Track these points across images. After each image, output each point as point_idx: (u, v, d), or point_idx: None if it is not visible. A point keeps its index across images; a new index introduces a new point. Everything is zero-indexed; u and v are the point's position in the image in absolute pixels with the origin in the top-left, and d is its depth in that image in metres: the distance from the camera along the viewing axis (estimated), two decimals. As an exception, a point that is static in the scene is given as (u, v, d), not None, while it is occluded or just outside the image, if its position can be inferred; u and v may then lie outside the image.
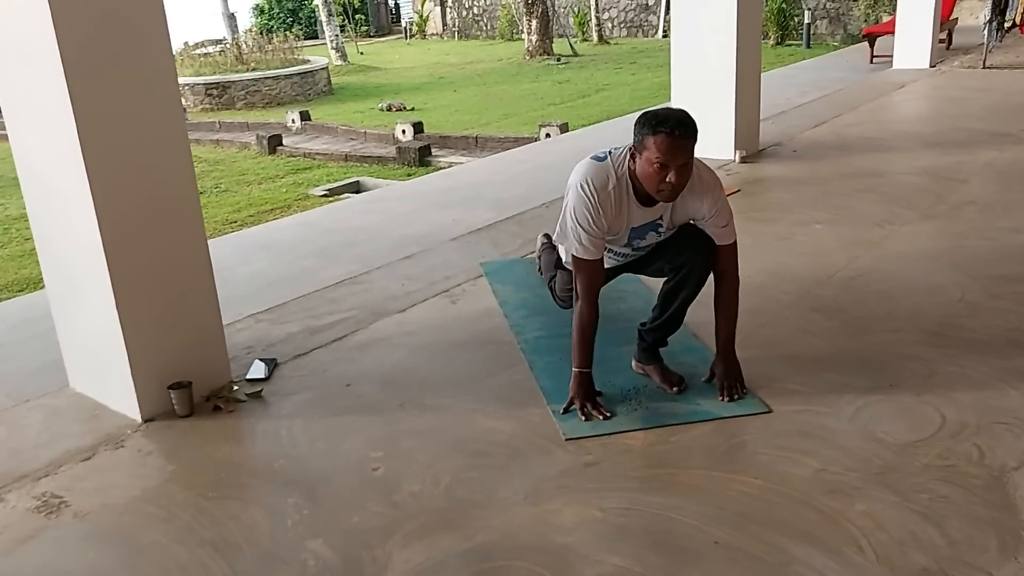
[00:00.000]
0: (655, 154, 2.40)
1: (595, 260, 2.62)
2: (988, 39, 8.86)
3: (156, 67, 2.59)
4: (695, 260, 2.65)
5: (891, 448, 2.35)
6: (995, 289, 3.36)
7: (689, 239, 2.67)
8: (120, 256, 2.58)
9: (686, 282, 2.67)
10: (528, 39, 17.99)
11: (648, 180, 2.47)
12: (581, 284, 2.63)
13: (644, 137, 2.45)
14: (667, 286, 2.73)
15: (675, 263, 2.69)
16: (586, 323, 2.62)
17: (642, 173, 2.48)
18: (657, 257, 2.77)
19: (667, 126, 2.41)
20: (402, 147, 9.22)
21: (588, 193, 2.57)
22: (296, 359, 3.15)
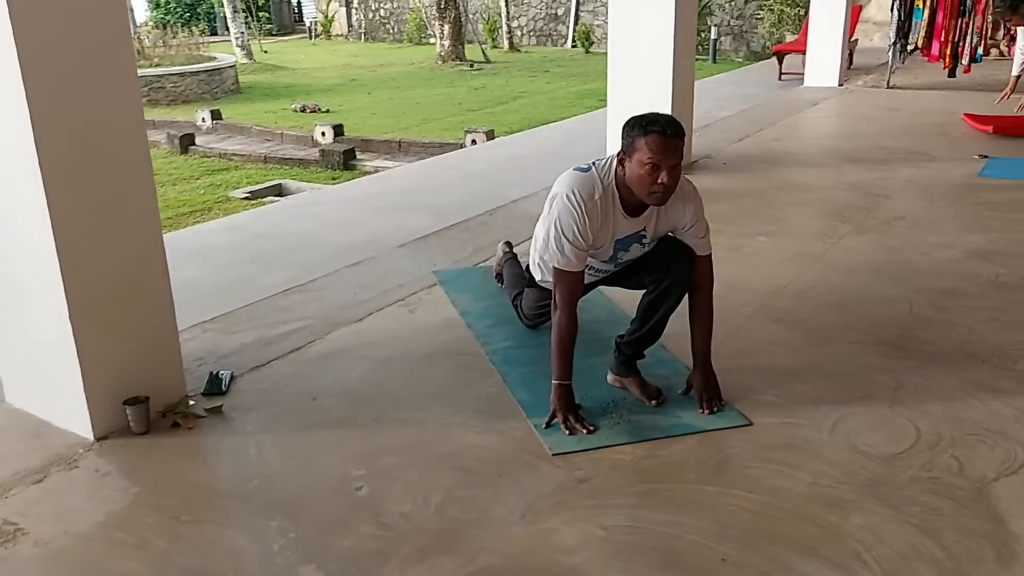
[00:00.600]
0: (647, 155, 2.39)
1: (577, 272, 2.59)
2: (892, 60, 9.26)
3: (116, 62, 2.41)
4: (677, 271, 2.64)
5: (875, 460, 2.39)
6: (941, 302, 3.48)
7: (671, 251, 2.66)
8: (74, 260, 2.39)
9: (668, 294, 2.66)
10: (440, 44, 17.90)
11: (640, 183, 2.44)
12: (561, 295, 2.59)
13: (635, 139, 2.43)
14: (648, 298, 2.71)
15: (656, 275, 2.68)
16: (565, 334, 2.58)
17: (632, 177, 2.46)
18: (637, 270, 2.75)
19: (658, 126, 2.41)
20: (325, 150, 9.00)
21: (575, 203, 2.53)
22: (253, 371, 2.99)
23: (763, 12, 16.16)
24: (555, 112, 11.00)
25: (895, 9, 9.06)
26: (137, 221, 2.55)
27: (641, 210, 2.57)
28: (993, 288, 3.63)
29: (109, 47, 2.38)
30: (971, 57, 8.89)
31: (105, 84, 2.39)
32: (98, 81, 2.37)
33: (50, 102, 2.26)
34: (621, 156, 2.51)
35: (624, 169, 2.50)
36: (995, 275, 3.76)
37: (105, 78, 2.39)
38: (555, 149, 7.12)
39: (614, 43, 5.79)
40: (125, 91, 2.45)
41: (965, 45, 8.83)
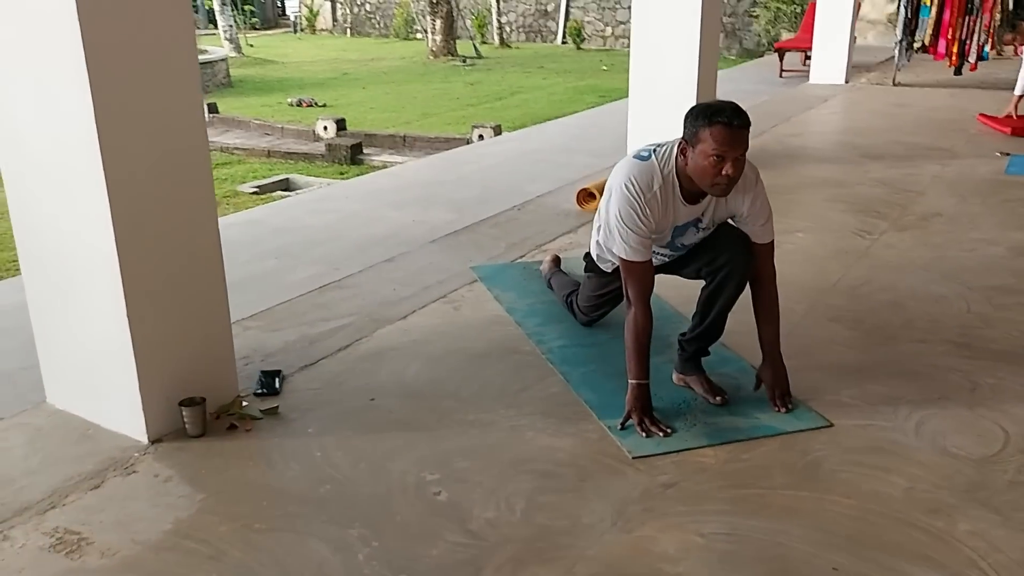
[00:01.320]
0: (711, 146, 2.30)
1: (645, 262, 2.49)
2: (898, 58, 9.23)
3: (179, 68, 2.29)
4: (735, 261, 2.54)
5: (968, 464, 2.31)
6: (997, 300, 3.42)
7: (727, 240, 2.58)
8: (133, 258, 2.27)
9: (725, 285, 2.56)
10: (432, 39, 17.73)
11: (702, 174, 2.36)
12: (633, 288, 2.49)
13: (699, 129, 2.34)
14: (706, 291, 2.62)
15: (713, 265, 2.58)
16: (641, 330, 2.48)
17: (695, 167, 2.37)
18: (694, 258, 2.66)
19: (724, 116, 2.31)
20: (332, 144, 8.83)
21: (634, 194, 2.44)
22: (303, 371, 2.87)
23: (758, 9, 16.12)
24: (556, 108, 10.90)
25: (902, 7, 9.03)
26: (195, 218, 2.43)
27: (700, 197, 2.49)
28: (1046, 286, 3.57)
29: (173, 53, 2.27)
30: (978, 55, 8.88)
31: (168, 87, 2.28)
32: (161, 84, 2.26)
33: (114, 104, 2.16)
34: (683, 146, 2.41)
35: (686, 159, 2.40)
36: (1045, 273, 3.71)
37: (168, 81, 2.28)
38: (566, 144, 7.02)
39: (637, 38, 5.68)
40: (187, 92, 2.33)
41: (972, 43, 8.82)
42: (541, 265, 3.65)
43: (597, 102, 11.20)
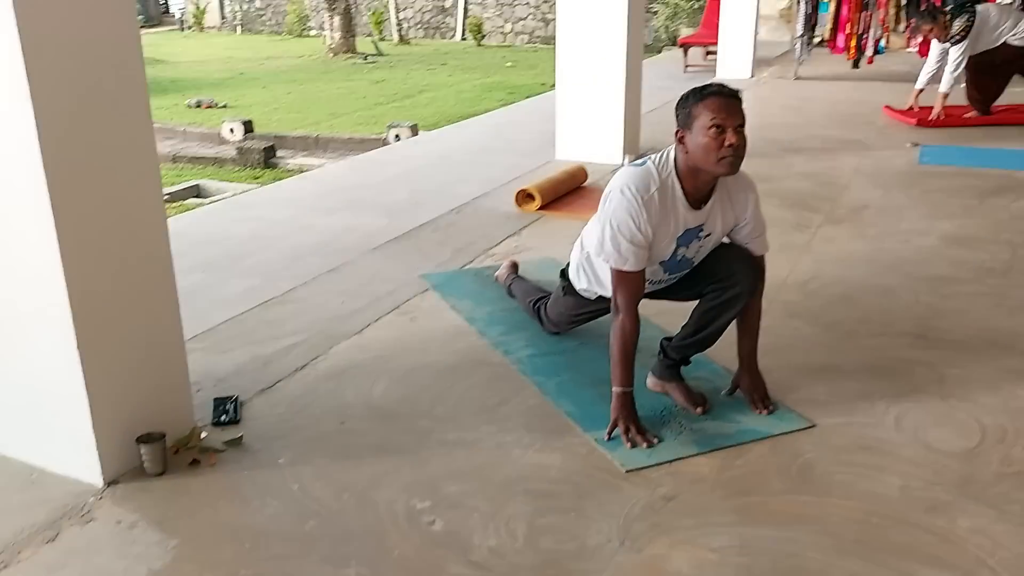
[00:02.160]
0: (709, 118, 2.25)
1: (638, 272, 2.43)
2: (800, 52, 9.51)
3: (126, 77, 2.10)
4: (744, 280, 2.47)
5: (953, 458, 2.33)
6: (942, 290, 3.51)
7: (736, 257, 2.52)
8: (82, 284, 2.06)
9: (732, 303, 2.49)
10: (331, 36, 17.35)
11: (706, 152, 2.27)
12: (623, 296, 2.42)
13: (693, 107, 2.29)
14: (708, 303, 2.54)
15: (726, 282, 2.48)
16: (629, 337, 2.42)
17: (697, 148, 2.29)
18: (696, 279, 2.59)
19: (713, 88, 2.30)
20: (243, 148, 8.48)
21: (630, 198, 2.37)
22: (261, 395, 2.70)
23: (657, 5, 16.39)
24: (466, 106, 10.80)
25: (802, 2, 9.30)
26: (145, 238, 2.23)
27: (705, 200, 2.43)
28: (983, 274, 3.68)
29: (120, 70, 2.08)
30: (874, 49, 9.22)
31: (115, 111, 2.09)
32: (108, 110, 2.07)
33: (61, 136, 1.96)
34: (680, 133, 2.34)
35: (686, 146, 2.33)
36: (979, 261, 3.83)
37: (116, 105, 2.09)
38: (487, 143, 6.93)
39: (563, 35, 5.65)
40: (135, 115, 2.14)
41: (869, 37, 9.15)
42: (497, 272, 3.54)
43: (507, 99, 11.15)
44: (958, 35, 6.48)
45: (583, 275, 2.77)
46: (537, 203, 4.59)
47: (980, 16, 6.49)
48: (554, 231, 4.30)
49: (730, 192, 2.47)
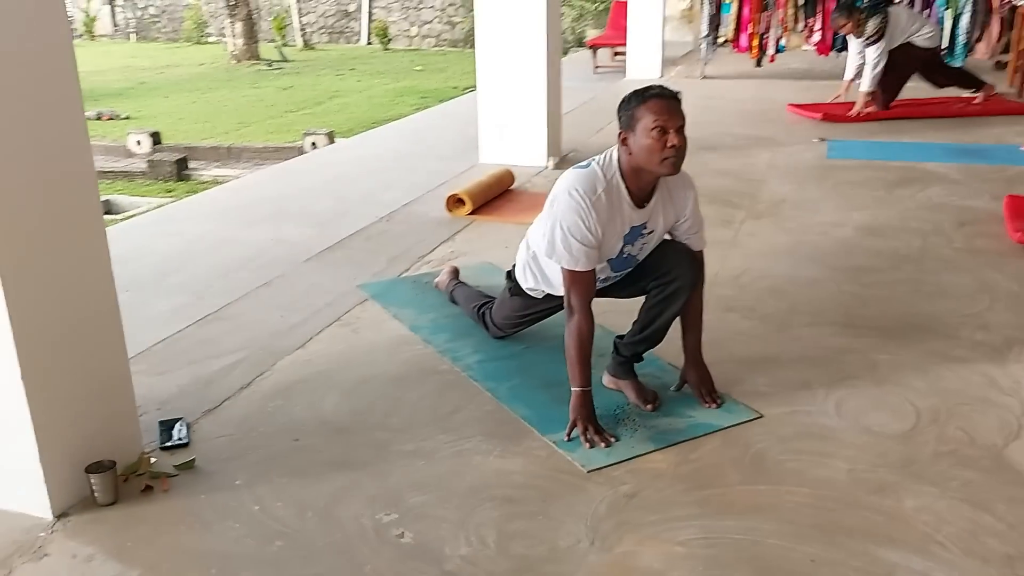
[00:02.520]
0: (652, 119, 2.32)
1: (590, 272, 2.47)
2: (705, 52, 9.77)
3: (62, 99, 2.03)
4: (684, 274, 2.57)
5: (893, 440, 2.44)
6: (862, 279, 3.66)
7: (675, 253, 2.61)
8: (24, 313, 1.98)
9: (675, 297, 2.58)
10: (233, 43, 16.94)
11: (649, 152, 2.35)
12: (576, 296, 2.46)
13: (635, 109, 2.37)
14: (652, 300, 2.62)
15: (666, 277, 2.57)
16: (585, 337, 2.46)
17: (640, 149, 2.36)
18: (639, 277, 2.66)
19: (655, 90, 2.38)
20: (155, 161, 8.20)
21: (579, 200, 2.42)
22: (207, 416, 2.63)
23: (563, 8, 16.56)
24: (380, 111, 10.72)
25: (706, 3, 9.56)
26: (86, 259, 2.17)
27: (648, 199, 2.50)
28: (899, 261, 3.86)
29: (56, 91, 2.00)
30: (775, 48, 9.54)
31: (52, 133, 2.03)
32: (45, 131, 2.00)
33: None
34: (623, 135, 2.41)
35: (629, 147, 2.40)
36: (894, 250, 4.01)
37: (53, 127, 2.03)
38: (408, 149, 6.90)
39: (482, 39, 5.67)
40: (73, 136, 2.08)
41: (770, 37, 9.47)
42: (437, 279, 3.54)
43: (420, 104, 11.12)
44: (874, 35, 6.80)
45: (530, 275, 2.80)
46: (468, 208, 4.60)
47: (892, 17, 6.83)
48: (487, 235, 4.32)
49: (671, 190, 2.55)
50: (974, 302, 3.39)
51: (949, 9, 8.47)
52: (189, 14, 21.96)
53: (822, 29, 9.18)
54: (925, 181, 5.18)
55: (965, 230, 4.25)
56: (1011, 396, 2.68)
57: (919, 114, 7.17)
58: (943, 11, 8.51)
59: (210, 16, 21.94)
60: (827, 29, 9.11)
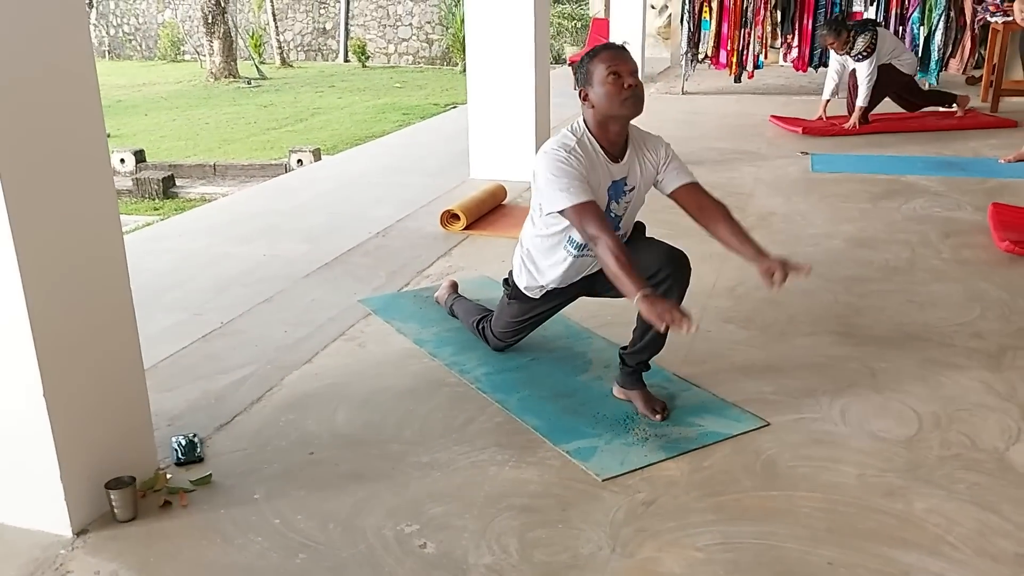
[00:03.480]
0: (605, 68, 2.50)
1: (591, 200, 2.51)
2: (685, 68, 9.90)
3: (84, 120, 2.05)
4: (677, 272, 2.62)
5: (899, 445, 2.50)
6: (856, 289, 3.74)
7: (663, 252, 2.66)
8: (48, 330, 1.99)
9: (668, 295, 2.62)
10: (211, 61, 16.93)
11: (609, 98, 2.51)
12: (591, 225, 2.46)
13: (589, 64, 2.55)
14: None
15: (656, 279, 2.60)
16: (620, 251, 2.40)
17: (601, 98, 2.52)
18: None
19: (603, 46, 2.58)
20: (141, 179, 8.17)
21: (553, 151, 2.58)
22: (220, 431, 2.64)
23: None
24: (363, 127, 10.75)
25: (685, 21, 9.69)
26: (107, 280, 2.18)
27: (622, 154, 2.63)
28: (890, 272, 3.94)
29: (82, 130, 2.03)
30: (754, 64, 9.69)
31: (77, 158, 2.05)
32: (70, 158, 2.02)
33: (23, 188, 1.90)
34: (583, 92, 2.58)
35: (591, 101, 2.55)
36: (884, 260, 4.09)
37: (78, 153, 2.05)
38: (395, 165, 6.93)
39: (473, 55, 5.73)
40: (97, 164, 2.11)
41: (748, 53, 9.61)
42: (436, 293, 3.57)
43: (400, 120, 11.17)
44: (864, 51, 6.97)
45: (525, 272, 2.86)
46: (462, 223, 4.63)
47: (880, 35, 7.06)
48: (483, 249, 4.36)
49: (645, 145, 2.71)
50: (966, 311, 3.47)
51: (923, 25, 8.66)
52: (164, 32, 21.90)
53: (800, 46, 9.35)
54: (908, 193, 5.29)
55: (951, 241, 4.35)
56: (1008, 401, 2.75)
57: (898, 128, 7.31)
58: (917, 27, 8.70)
59: (186, 34, 21.90)
60: (805, 46, 9.29)
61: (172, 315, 3.67)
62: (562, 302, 2.96)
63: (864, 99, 7.12)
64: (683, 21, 9.73)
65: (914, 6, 8.65)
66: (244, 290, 3.92)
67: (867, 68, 7.03)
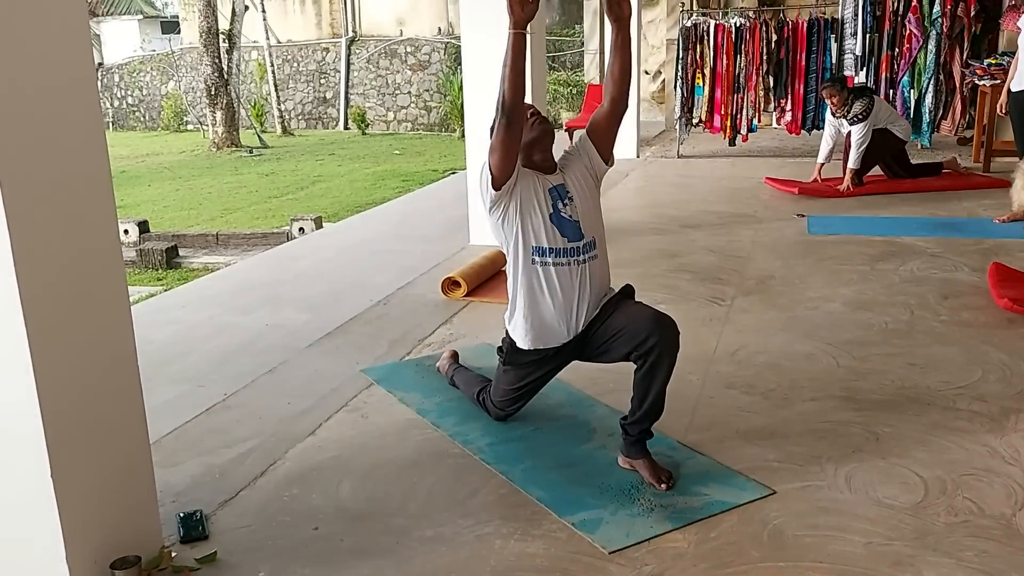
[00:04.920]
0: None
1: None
2: (680, 132, 10.06)
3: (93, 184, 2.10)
4: (664, 340, 2.66)
5: (905, 512, 2.49)
6: (856, 353, 3.75)
7: (649, 319, 2.71)
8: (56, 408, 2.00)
9: (659, 364, 2.65)
10: (214, 131, 17.20)
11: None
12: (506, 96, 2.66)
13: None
14: (640, 373, 2.69)
15: (643, 348, 2.67)
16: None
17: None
18: (618, 343, 2.76)
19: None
20: (144, 250, 8.25)
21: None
22: (224, 507, 2.63)
23: (536, 91, 17.00)
24: (362, 194, 10.87)
25: (678, 87, 9.89)
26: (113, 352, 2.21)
27: (552, 169, 2.86)
28: (890, 335, 3.96)
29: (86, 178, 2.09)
30: (748, 127, 9.85)
31: (87, 232, 2.11)
32: (79, 230, 2.08)
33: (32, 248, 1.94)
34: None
35: None
36: (883, 323, 4.12)
37: (87, 228, 2.10)
38: (395, 232, 7.01)
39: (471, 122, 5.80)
40: (105, 238, 2.17)
41: (742, 117, 9.78)
42: (438, 363, 3.59)
43: (400, 187, 11.31)
44: (860, 115, 7.15)
45: (517, 318, 2.90)
46: (463, 290, 4.67)
47: (876, 103, 7.31)
48: (484, 316, 4.38)
49: (568, 161, 2.92)
50: (967, 373, 3.48)
51: (913, 89, 8.83)
52: (168, 103, 22.30)
53: (792, 109, 9.52)
54: (905, 255, 5.34)
55: (950, 303, 4.38)
56: (1013, 465, 2.74)
57: (892, 189, 7.41)
58: (907, 91, 8.87)
59: (190, 105, 22.30)
60: (797, 109, 9.46)
61: (176, 387, 3.68)
62: (556, 366, 2.97)
63: (855, 162, 7.25)
64: (676, 87, 9.92)
65: (904, 70, 8.83)
66: (247, 361, 3.94)
67: (860, 131, 7.17)
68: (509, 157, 2.71)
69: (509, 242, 2.84)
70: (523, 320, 2.88)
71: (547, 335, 2.86)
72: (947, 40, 8.62)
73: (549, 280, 2.80)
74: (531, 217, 2.77)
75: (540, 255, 2.79)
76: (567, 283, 2.80)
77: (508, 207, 2.78)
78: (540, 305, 2.83)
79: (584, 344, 2.87)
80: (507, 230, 2.82)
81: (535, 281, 2.82)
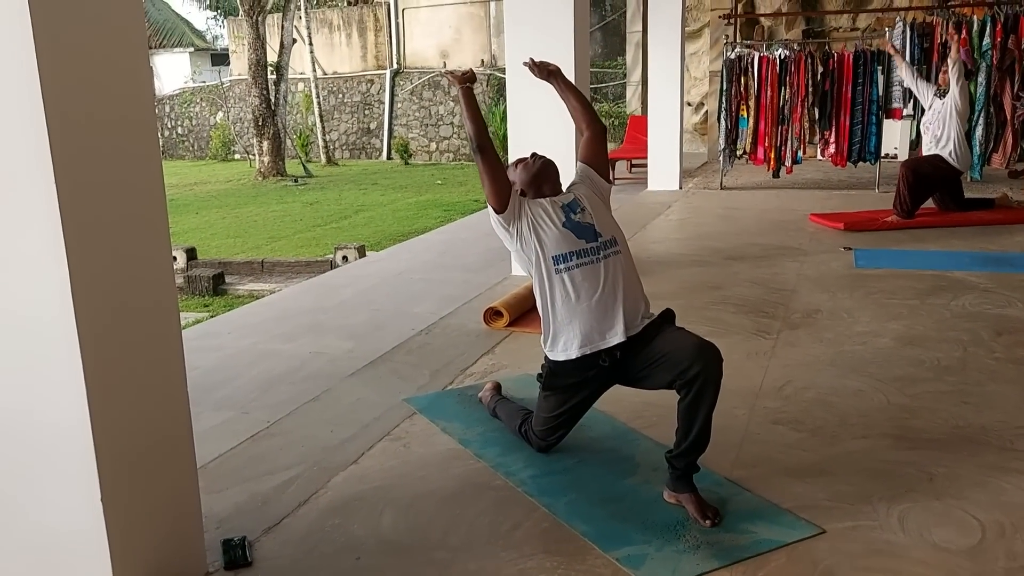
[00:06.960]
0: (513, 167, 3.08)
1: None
2: (723, 164, 10.02)
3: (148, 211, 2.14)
4: (708, 368, 2.62)
5: (962, 556, 2.41)
6: (908, 390, 3.66)
7: (692, 346, 2.68)
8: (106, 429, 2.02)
9: (704, 393, 2.61)
10: (260, 160, 17.50)
11: (525, 168, 3.03)
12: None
13: (509, 169, 3.05)
14: (684, 404, 2.65)
15: (687, 376, 2.63)
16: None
17: (520, 173, 3.02)
18: (660, 370, 2.73)
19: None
20: (192, 276, 8.40)
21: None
22: (267, 534, 2.63)
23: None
24: (404, 224, 10.96)
25: (722, 119, 9.86)
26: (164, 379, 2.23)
27: (557, 188, 3.01)
28: (942, 372, 3.87)
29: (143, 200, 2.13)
30: (792, 159, 9.78)
31: (143, 263, 2.18)
32: (136, 260, 2.15)
33: (89, 277, 1.98)
34: (514, 187, 2.97)
35: (518, 185, 2.98)
36: (935, 360, 4.02)
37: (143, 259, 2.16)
38: (437, 261, 7.04)
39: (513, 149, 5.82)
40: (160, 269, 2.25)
41: (787, 149, 9.72)
42: (480, 393, 3.58)
43: (442, 216, 11.38)
44: (947, 92, 7.36)
45: (551, 335, 2.90)
46: (505, 320, 4.66)
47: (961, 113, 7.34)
48: (526, 347, 4.36)
49: (574, 185, 3.05)
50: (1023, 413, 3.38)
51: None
52: (216, 133, 22.75)
53: (837, 141, 9.43)
54: (956, 290, 5.23)
55: (1004, 339, 4.27)
56: (1075, 509, 2.65)
57: (941, 222, 7.28)
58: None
59: (237, 135, 22.73)
60: (843, 141, 9.37)
61: (221, 413, 3.71)
62: (595, 389, 2.94)
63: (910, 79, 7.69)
64: (720, 118, 9.90)
65: (953, 103, 8.71)
66: (291, 388, 3.97)
67: (931, 93, 7.43)
68: (497, 179, 2.87)
69: (531, 262, 2.90)
70: (561, 333, 2.86)
71: (593, 336, 2.82)
72: (997, 72, 8.51)
73: (576, 283, 2.81)
74: (545, 229, 2.86)
75: (562, 262, 2.84)
76: (594, 280, 2.82)
77: (521, 229, 2.88)
78: (576, 311, 2.82)
79: (625, 366, 2.84)
80: (527, 250, 2.89)
81: (564, 290, 2.83)
